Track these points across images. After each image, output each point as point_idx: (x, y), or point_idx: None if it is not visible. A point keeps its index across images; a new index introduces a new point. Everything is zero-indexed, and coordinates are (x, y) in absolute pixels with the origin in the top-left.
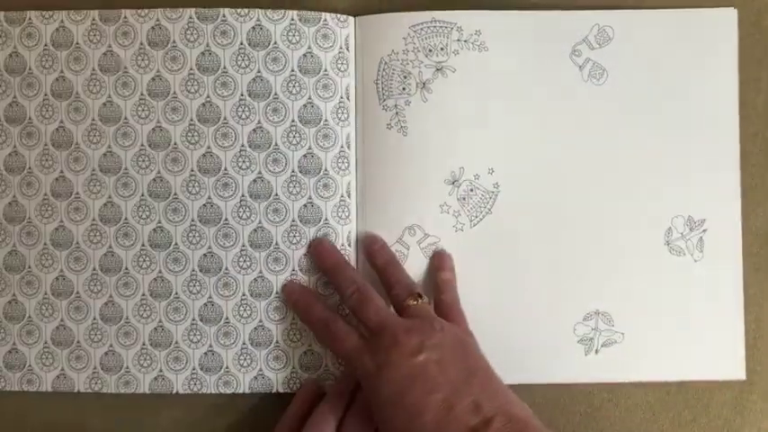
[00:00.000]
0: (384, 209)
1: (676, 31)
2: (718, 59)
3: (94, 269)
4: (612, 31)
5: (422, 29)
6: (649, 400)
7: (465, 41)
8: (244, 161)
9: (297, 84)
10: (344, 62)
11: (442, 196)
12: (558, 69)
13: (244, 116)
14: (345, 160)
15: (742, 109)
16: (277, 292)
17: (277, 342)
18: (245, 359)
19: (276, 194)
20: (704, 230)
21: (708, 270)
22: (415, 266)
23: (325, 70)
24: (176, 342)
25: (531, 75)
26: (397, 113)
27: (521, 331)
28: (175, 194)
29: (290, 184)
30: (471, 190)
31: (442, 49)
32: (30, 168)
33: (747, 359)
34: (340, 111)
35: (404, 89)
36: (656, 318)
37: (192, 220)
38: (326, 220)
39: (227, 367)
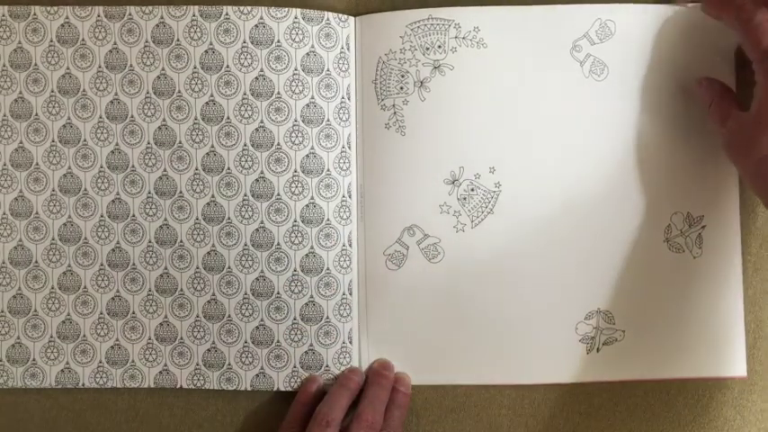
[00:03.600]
0: (383, 209)
1: (679, 26)
2: (720, 54)
3: (102, 264)
4: (614, 25)
5: (419, 27)
6: (649, 401)
7: (463, 38)
8: (246, 160)
9: (300, 83)
10: (345, 62)
11: (442, 196)
12: (559, 65)
13: (246, 115)
14: (347, 161)
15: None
16: (278, 293)
17: (278, 341)
18: (246, 357)
19: (278, 194)
20: (703, 227)
21: (707, 266)
22: (414, 267)
23: (328, 70)
24: (181, 338)
25: (530, 71)
26: (395, 113)
27: (523, 332)
28: (181, 192)
29: (293, 185)
30: (472, 190)
31: (439, 46)
32: (37, 164)
33: (747, 359)
34: (341, 111)
35: (401, 88)
36: (656, 315)
37: (197, 219)
38: (328, 220)
39: (229, 364)
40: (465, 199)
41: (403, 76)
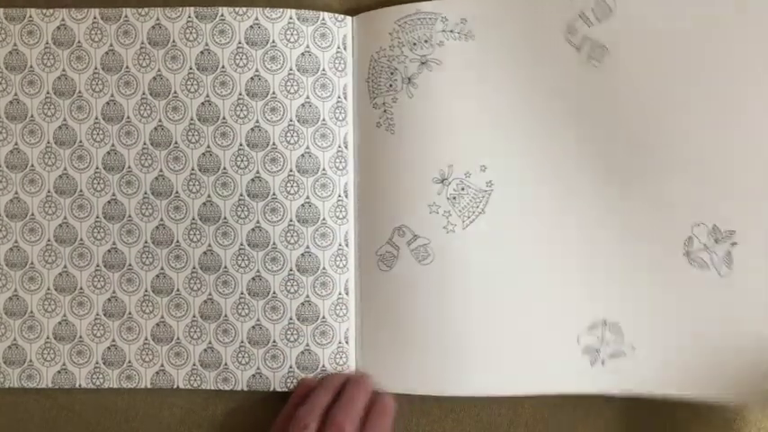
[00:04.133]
0: (375, 209)
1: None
2: (753, 26)
3: (98, 265)
4: (614, 1)
5: (406, 22)
6: (650, 401)
7: (450, 32)
8: (242, 160)
9: (295, 83)
10: (342, 62)
11: (431, 196)
12: (552, 52)
13: (242, 115)
14: (343, 160)
15: None
16: (274, 293)
17: (274, 341)
18: (243, 357)
19: (274, 194)
20: (733, 243)
21: (735, 286)
22: (404, 269)
23: (323, 70)
24: (177, 338)
25: (521, 61)
26: (385, 111)
27: (518, 340)
28: (177, 193)
29: (288, 184)
30: (462, 189)
31: (426, 41)
32: (32, 165)
33: None
34: (338, 110)
35: (391, 86)
36: (669, 331)
37: (193, 219)
38: (324, 219)
39: (225, 364)
40: (455, 198)
41: (392, 74)
